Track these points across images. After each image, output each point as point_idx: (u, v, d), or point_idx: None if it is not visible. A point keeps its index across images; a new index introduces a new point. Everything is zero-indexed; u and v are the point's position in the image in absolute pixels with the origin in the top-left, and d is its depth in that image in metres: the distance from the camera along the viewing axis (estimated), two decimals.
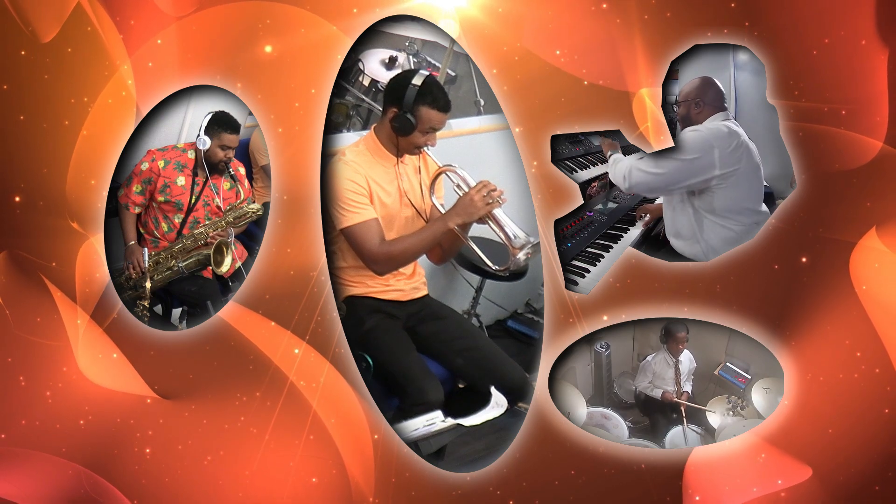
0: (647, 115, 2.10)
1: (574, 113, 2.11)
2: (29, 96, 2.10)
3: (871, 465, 2.04)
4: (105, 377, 2.15)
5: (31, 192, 2.13)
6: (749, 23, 2.04)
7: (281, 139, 2.14)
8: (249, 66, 2.11)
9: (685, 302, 2.12)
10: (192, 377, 2.18)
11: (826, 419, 2.06)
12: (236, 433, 2.13)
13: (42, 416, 2.12)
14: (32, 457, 2.11)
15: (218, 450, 2.13)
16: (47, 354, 2.13)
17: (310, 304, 2.12)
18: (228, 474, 2.13)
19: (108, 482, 2.10)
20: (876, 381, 2.04)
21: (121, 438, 2.13)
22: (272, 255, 2.15)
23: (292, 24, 2.11)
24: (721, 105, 2.10)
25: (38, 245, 2.14)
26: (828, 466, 2.04)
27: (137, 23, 2.10)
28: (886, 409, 2.05)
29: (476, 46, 2.11)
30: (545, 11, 2.10)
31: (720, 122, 2.09)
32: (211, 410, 2.16)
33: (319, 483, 2.12)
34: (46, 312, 2.14)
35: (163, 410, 2.16)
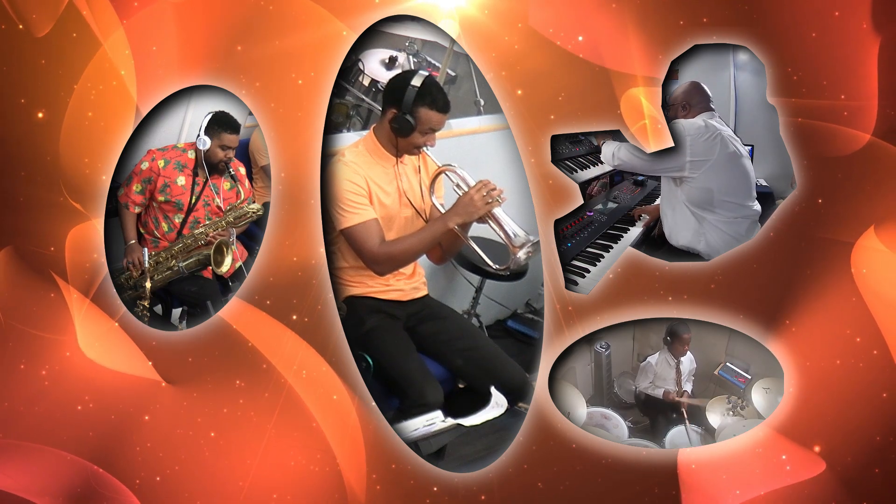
0: (643, 113, 2.11)
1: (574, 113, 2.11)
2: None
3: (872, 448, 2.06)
4: (106, 358, 2.16)
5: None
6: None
7: (281, 139, 2.14)
8: (250, 66, 2.11)
9: (685, 302, 2.12)
10: (192, 377, 2.18)
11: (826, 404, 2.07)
12: (236, 419, 2.15)
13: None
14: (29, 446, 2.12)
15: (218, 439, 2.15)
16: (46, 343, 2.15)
17: (309, 304, 2.12)
18: (227, 467, 2.14)
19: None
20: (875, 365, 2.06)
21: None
22: (272, 254, 2.15)
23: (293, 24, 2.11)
24: (707, 107, 2.15)
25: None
26: (832, 447, 2.05)
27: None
28: (884, 394, 2.06)
29: (476, 46, 2.11)
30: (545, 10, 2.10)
31: (699, 119, 2.15)
32: (210, 408, 2.17)
33: (316, 477, 2.13)
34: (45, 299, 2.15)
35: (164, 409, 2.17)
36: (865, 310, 2.06)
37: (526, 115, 2.11)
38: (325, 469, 2.13)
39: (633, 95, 2.10)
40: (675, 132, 2.14)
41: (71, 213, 2.14)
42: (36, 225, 2.16)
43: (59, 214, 2.14)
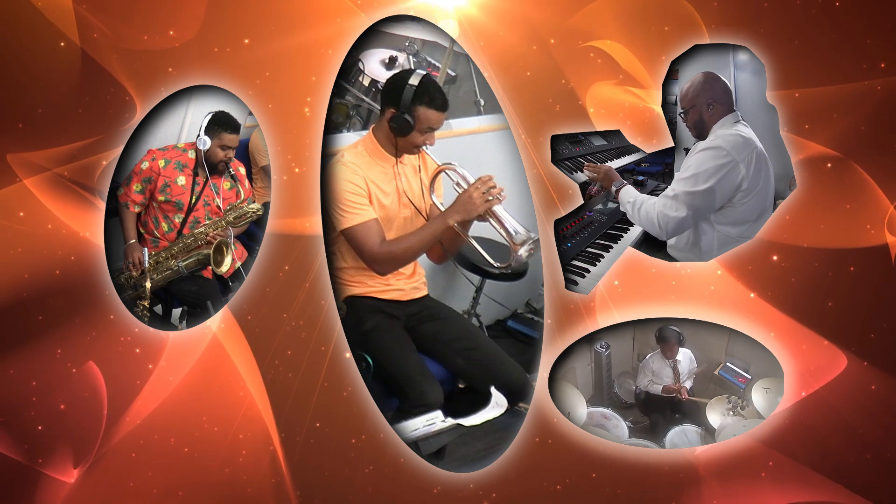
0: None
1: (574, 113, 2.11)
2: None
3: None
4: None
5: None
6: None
7: (281, 139, 2.14)
8: (250, 66, 2.12)
9: (685, 302, 2.12)
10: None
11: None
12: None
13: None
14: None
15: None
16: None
17: (309, 304, 2.12)
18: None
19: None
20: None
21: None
22: (272, 254, 2.16)
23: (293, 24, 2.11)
24: (731, 102, 2.02)
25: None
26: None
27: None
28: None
29: (476, 46, 2.11)
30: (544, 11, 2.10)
31: (732, 130, 2.02)
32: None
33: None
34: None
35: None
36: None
37: (526, 116, 2.11)
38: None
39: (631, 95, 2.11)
40: (719, 160, 1.97)
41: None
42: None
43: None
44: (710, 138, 2.05)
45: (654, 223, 2.07)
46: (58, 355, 2.15)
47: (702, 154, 2.04)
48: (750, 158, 2.00)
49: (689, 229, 2.08)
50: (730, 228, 2.09)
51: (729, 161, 2.00)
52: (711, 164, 2.00)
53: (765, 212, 2.07)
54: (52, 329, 2.15)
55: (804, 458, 2.09)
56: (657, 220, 2.05)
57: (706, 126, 2.07)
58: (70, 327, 2.16)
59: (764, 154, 2.04)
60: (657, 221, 2.05)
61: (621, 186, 2.13)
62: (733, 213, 2.06)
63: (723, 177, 2.00)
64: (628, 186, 2.12)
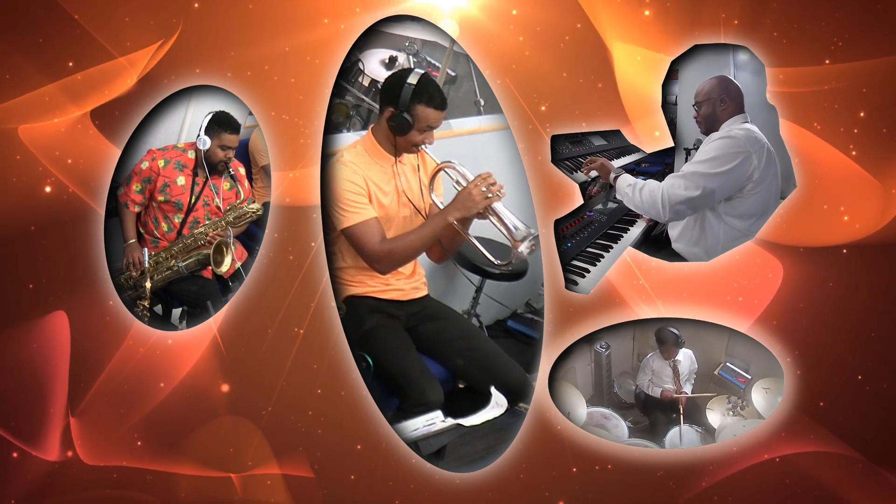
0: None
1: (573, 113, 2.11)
2: None
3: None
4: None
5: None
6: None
7: (280, 139, 2.14)
8: (250, 66, 2.12)
9: (684, 302, 2.12)
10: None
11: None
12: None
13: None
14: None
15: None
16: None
17: (309, 304, 2.12)
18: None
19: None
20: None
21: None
22: (272, 254, 2.16)
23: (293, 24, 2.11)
24: (742, 104, 2.07)
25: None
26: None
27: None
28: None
29: (476, 46, 2.11)
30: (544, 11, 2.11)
31: (744, 126, 2.06)
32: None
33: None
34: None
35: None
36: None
37: (526, 115, 2.11)
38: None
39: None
40: (733, 149, 2.02)
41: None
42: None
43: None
44: (722, 131, 2.08)
45: (656, 202, 2.09)
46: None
47: (720, 142, 2.07)
48: (761, 152, 2.05)
49: (690, 215, 2.12)
50: (737, 222, 2.10)
51: (744, 150, 2.05)
52: (731, 151, 2.05)
53: (769, 208, 2.09)
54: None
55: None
56: (661, 199, 2.08)
57: (717, 120, 2.09)
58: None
59: (772, 151, 2.06)
60: (661, 200, 2.08)
61: (620, 174, 2.14)
62: (742, 205, 2.09)
63: (739, 163, 2.04)
64: (626, 174, 2.14)
